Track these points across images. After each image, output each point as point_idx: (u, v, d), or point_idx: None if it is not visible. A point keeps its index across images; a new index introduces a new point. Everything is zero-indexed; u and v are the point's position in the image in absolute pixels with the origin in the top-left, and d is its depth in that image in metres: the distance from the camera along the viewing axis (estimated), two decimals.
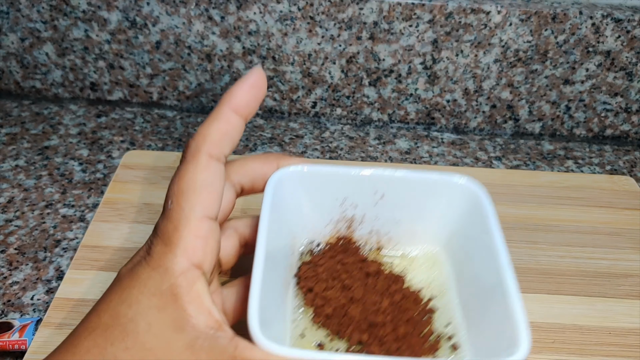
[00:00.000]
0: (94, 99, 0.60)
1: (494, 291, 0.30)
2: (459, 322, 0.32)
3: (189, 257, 0.26)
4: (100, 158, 0.54)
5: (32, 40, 0.56)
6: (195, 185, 0.27)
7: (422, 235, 0.36)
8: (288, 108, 0.59)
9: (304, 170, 0.34)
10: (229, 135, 0.29)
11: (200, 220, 0.27)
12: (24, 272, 0.43)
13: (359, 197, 0.35)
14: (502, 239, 0.31)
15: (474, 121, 0.59)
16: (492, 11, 0.51)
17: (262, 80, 0.30)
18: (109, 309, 0.26)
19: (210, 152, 0.28)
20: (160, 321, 0.25)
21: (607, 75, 0.54)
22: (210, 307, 0.26)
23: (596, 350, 0.38)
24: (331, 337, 0.32)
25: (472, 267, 0.33)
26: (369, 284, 0.33)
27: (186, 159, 0.28)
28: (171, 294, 0.25)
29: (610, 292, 0.42)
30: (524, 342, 0.26)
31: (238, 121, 0.29)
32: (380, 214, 0.36)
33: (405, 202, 0.35)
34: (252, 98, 0.30)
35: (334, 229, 0.36)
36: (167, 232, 0.27)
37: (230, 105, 0.29)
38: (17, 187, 0.50)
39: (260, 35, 0.54)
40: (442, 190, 0.35)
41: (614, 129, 0.58)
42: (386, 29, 0.53)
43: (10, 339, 0.38)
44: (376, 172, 0.34)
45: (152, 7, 0.53)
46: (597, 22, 0.51)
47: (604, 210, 0.49)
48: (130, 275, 0.27)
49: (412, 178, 0.35)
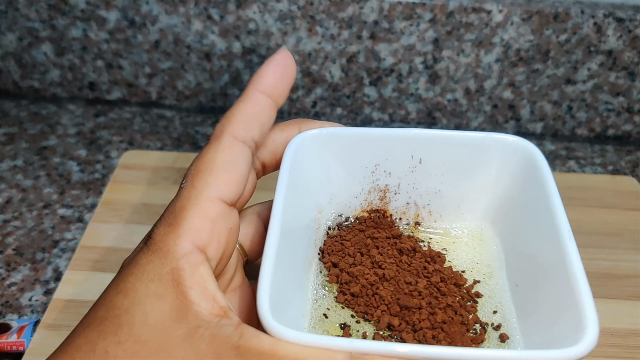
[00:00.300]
0: (93, 99, 0.60)
1: (553, 270, 0.25)
2: (509, 308, 0.28)
3: (192, 238, 0.24)
4: (99, 158, 0.53)
5: (31, 40, 0.56)
6: (214, 166, 0.25)
7: (467, 206, 0.32)
8: (288, 107, 0.59)
9: (329, 133, 0.30)
10: (257, 116, 0.27)
11: (211, 201, 0.25)
12: (22, 273, 0.43)
13: (393, 163, 0.31)
14: (561, 206, 0.27)
15: (475, 121, 0.58)
16: (493, 10, 0.51)
17: (289, 60, 0.28)
18: (105, 301, 0.24)
19: (234, 133, 0.26)
20: (158, 310, 0.23)
21: (609, 74, 0.54)
22: (215, 293, 0.23)
23: (598, 351, 0.38)
24: (357, 318, 0.28)
25: (526, 244, 0.29)
26: (403, 262, 0.29)
27: (210, 141, 0.26)
28: (172, 279, 0.23)
29: (612, 293, 0.42)
30: (591, 328, 0.22)
31: (267, 102, 0.27)
32: (418, 183, 0.32)
33: (447, 167, 0.31)
34: (280, 78, 0.28)
35: (365, 200, 0.32)
36: (173, 211, 0.25)
37: (258, 87, 0.27)
38: (15, 188, 0.50)
39: (260, 34, 0.54)
40: (489, 151, 0.30)
41: (616, 129, 0.58)
42: (387, 28, 0.52)
43: (8, 340, 0.38)
44: (412, 133, 0.30)
45: (151, 6, 0.53)
46: (599, 22, 0.51)
47: (605, 211, 0.49)
48: (129, 263, 0.25)
49: (455, 138, 0.30)
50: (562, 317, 0.24)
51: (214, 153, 0.26)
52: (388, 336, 0.27)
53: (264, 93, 0.27)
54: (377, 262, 0.29)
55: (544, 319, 0.26)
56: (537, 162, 0.29)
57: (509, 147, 0.30)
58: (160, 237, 0.24)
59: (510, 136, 0.30)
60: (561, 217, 0.27)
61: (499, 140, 0.30)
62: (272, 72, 0.28)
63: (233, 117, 0.26)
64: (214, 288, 0.24)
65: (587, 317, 0.22)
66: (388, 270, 0.29)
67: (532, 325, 0.27)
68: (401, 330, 0.27)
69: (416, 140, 0.30)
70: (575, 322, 0.23)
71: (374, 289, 0.28)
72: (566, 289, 0.24)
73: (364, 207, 0.33)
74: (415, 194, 0.32)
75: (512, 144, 0.30)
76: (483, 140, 0.30)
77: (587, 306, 0.23)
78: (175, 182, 0.49)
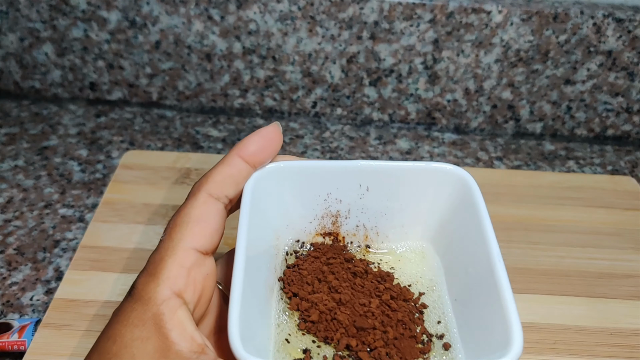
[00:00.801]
0: (94, 99, 0.60)
1: (484, 284, 0.29)
2: (450, 318, 0.32)
3: (170, 285, 0.27)
4: (100, 158, 0.54)
5: (32, 40, 0.56)
6: (189, 219, 0.28)
7: (410, 227, 0.35)
8: (288, 108, 0.59)
9: (285, 167, 0.33)
10: (233, 178, 0.30)
11: (186, 251, 0.27)
12: (23, 272, 0.43)
13: (343, 191, 0.34)
14: (491, 229, 0.30)
15: (475, 121, 0.58)
16: (493, 11, 0.51)
17: (275, 134, 0.31)
18: (97, 347, 0.27)
19: (209, 191, 0.29)
20: (143, 351, 0.25)
21: (609, 75, 0.54)
22: (193, 332, 0.26)
23: (597, 351, 0.38)
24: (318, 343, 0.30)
25: (462, 262, 0.32)
26: (357, 284, 0.32)
27: (187, 198, 0.30)
28: (154, 323, 0.26)
29: (611, 293, 0.42)
30: (516, 343, 0.25)
31: (244, 167, 0.30)
32: (366, 208, 0.35)
33: (392, 193, 0.34)
34: (261, 148, 0.31)
35: (319, 224, 0.35)
36: (154, 262, 0.28)
37: (239, 152, 0.30)
38: (16, 187, 0.50)
39: (260, 34, 0.54)
40: (429, 179, 0.34)
41: (615, 129, 0.58)
42: (387, 28, 0.53)
43: (10, 339, 0.38)
44: (360, 164, 0.33)
45: (152, 7, 0.53)
46: (599, 22, 0.51)
47: (605, 211, 0.49)
48: (117, 312, 0.27)
49: (398, 168, 0.34)
50: (492, 329, 0.27)
51: (190, 208, 0.29)
52: (347, 355, 0.30)
53: (243, 159, 0.31)
54: (334, 286, 0.32)
55: (479, 329, 0.29)
56: (471, 189, 0.32)
57: (445, 176, 0.33)
58: (142, 286, 0.27)
59: (448, 165, 0.33)
60: (492, 240, 0.29)
61: (437, 169, 0.33)
62: (255, 142, 0.31)
63: (210, 177, 0.30)
64: (192, 328, 0.26)
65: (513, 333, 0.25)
66: (344, 295, 0.31)
67: (470, 335, 0.30)
68: (358, 351, 0.29)
69: (364, 170, 0.34)
70: (503, 336, 0.26)
71: (332, 314, 0.31)
72: (496, 305, 0.27)
73: (317, 231, 0.36)
74: (364, 218, 0.35)
75: (448, 172, 0.33)
76: (423, 169, 0.34)
77: (513, 321, 0.26)
78: (175, 182, 0.50)
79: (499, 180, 0.51)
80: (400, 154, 0.56)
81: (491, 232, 0.30)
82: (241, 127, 0.58)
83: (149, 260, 0.28)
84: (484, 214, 0.31)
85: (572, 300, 0.41)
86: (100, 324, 0.39)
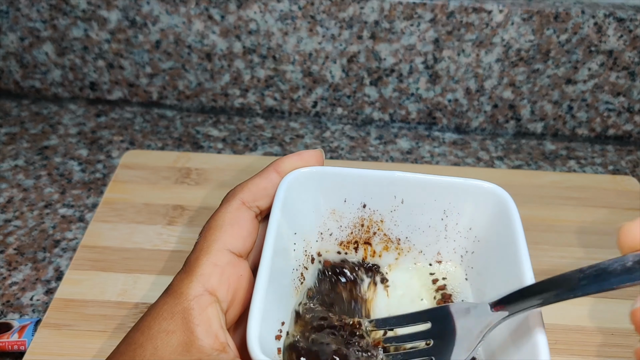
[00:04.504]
0: (94, 99, 0.60)
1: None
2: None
3: (203, 283, 0.28)
4: (100, 158, 0.54)
5: (32, 40, 0.56)
6: (223, 223, 0.30)
7: (443, 243, 0.35)
8: (288, 108, 0.59)
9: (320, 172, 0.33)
10: (266, 190, 0.31)
11: (220, 251, 0.29)
12: (23, 272, 0.43)
13: (377, 202, 0.34)
14: (526, 252, 0.30)
15: (476, 121, 0.58)
16: (493, 10, 0.51)
17: (315, 159, 0.32)
18: (127, 338, 0.28)
19: (243, 198, 0.31)
20: (167, 344, 0.26)
21: (610, 74, 0.54)
22: (218, 330, 0.27)
23: (598, 351, 0.38)
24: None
25: (494, 281, 0.31)
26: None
27: (221, 204, 0.31)
28: (182, 317, 0.27)
29: (612, 293, 0.41)
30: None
31: (278, 182, 0.32)
32: (399, 220, 0.34)
33: (427, 207, 0.34)
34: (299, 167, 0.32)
35: (351, 234, 0.35)
36: (189, 262, 0.29)
37: (276, 167, 0.32)
38: (17, 187, 0.50)
39: (260, 34, 0.54)
40: (466, 196, 0.33)
41: (617, 128, 0.58)
42: (387, 28, 0.52)
43: (10, 339, 0.38)
44: (395, 176, 0.33)
45: (152, 6, 0.53)
46: (600, 22, 0.51)
47: (606, 211, 0.49)
48: (151, 306, 0.29)
49: (435, 182, 0.33)
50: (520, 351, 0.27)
51: (224, 213, 0.30)
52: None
53: (280, 175, 0.32)
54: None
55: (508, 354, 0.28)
56: (509, 209, 0.32)
57: (486, 194, 0.33)
58: (177, 282, 0.28)
59: (486, 183, 0.33)
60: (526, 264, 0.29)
61: (476, 187, 0.33)
62: (294, 163, 0.32)
63: (245, 187, 0.31)
64: (218, 326, 0.27)
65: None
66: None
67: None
68: None
69: (399, 182, 0.33)
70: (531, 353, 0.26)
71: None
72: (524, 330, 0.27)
73: (348, 239, 0.35)
74: (397, 230, 0.35)
75: (487, 191, 0.33)
76: (461, 185, 0.33)
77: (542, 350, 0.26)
78: (176, 182, 0.49)
79: (500, 180, 0.50)
80: (400, 153, 0.56)
81: (526, 255, 0.29)
82: (241, 127, 0.58)
83: (186, 261, 0.29)
84: (520, 236, 0.30)
85: (572, 300, 0.41)
86: (100, 324, 0.39)
